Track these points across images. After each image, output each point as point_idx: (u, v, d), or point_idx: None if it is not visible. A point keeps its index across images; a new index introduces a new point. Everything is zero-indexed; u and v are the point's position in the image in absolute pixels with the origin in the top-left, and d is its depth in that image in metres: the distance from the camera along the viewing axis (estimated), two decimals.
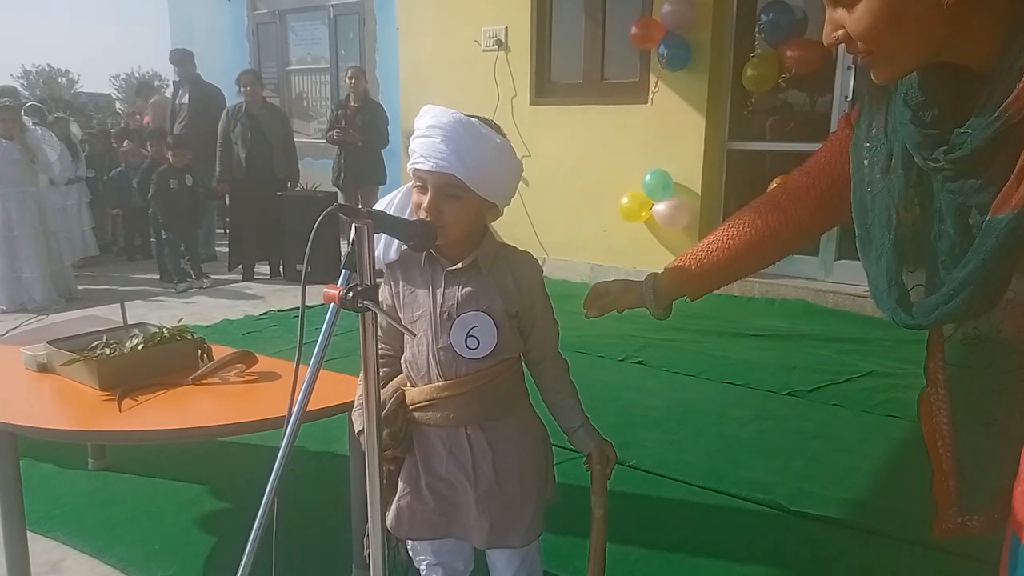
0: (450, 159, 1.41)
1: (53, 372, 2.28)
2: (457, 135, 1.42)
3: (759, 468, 3.01)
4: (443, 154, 1.41)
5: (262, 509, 1.34)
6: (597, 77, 6.29)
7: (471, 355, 1.50)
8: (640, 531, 2.56)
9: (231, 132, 6.70)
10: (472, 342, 1.50)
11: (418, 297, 1.54)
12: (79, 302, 6.10)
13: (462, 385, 1.51)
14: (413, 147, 1.47)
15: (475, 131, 1.44)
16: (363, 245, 1.32)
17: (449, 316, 1.50)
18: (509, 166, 1.51)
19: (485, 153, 1.45)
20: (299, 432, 1.34)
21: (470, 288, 1.51)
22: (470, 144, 1.43)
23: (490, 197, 1.49)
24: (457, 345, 1.50)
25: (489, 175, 1.46)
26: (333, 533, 2.46)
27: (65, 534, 2.49)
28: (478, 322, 1.50)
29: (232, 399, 2.16)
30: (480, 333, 1.50)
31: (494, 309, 1.51)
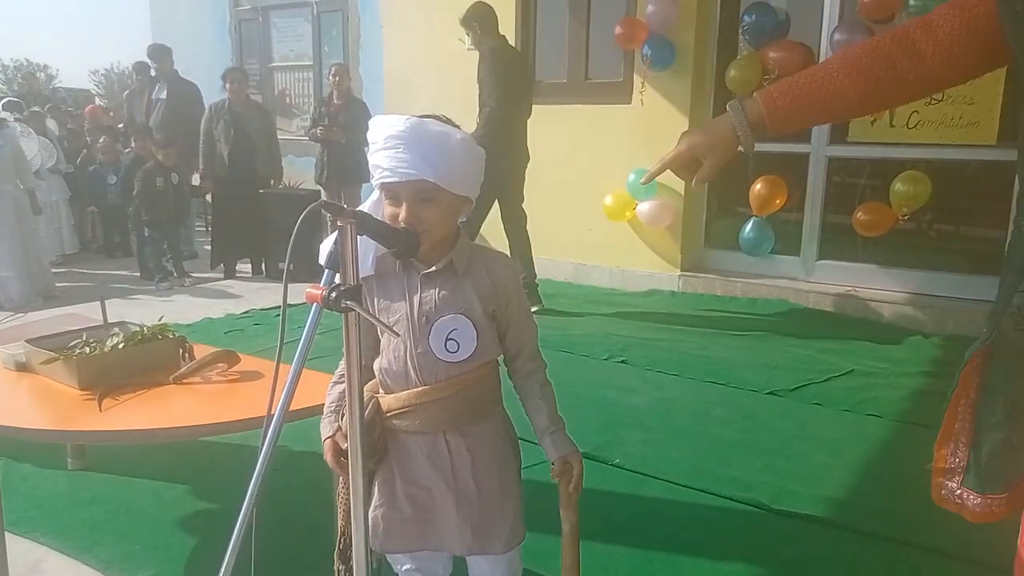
0: (418, 165, 1.40)
1: (32, 371, 2.26)
2: (418, 139, 1.40)
3: (741, 467, 3.03)
4: (409, 162, 1.39)
5: (243, 509, 1.33)
6: (581, 77, 6.30)
7: (451, 358, 1.49)
8: (623, 530, 2.57)
9: (214, 129, 6.64)
10: (452, 345, 1.49)
11: (393, 304, 1.52)
12: (58, 300, 6.03)
13: (441, 390, 1.49)
14: (375, 162, 1.44)
15: (434, 131, 1.43)
16: (346, 245, 1.31)
17: (427, 320, 1.49)
18: (473, 157, 1.49)
19: (449, 150, 1.43)
20: (282, 432, 1.33)
21: (447, 291, 1.50)
22: (432, 145, 1.41)
23: (462, 192, 1.48)
24: (437, 349, 1.48)
25: (457, 170, 1.45)
26: (316, 533, 2.45)
27: (44, 535, 2.46)
28: (457, 324, 1.49)
29: (214, 398, 2.15)
30: (459, 336, 1.49)
31: (472, 311, 1.50)
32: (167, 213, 6.40)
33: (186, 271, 6.63)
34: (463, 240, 1.54)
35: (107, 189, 7.86)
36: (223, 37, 9.87)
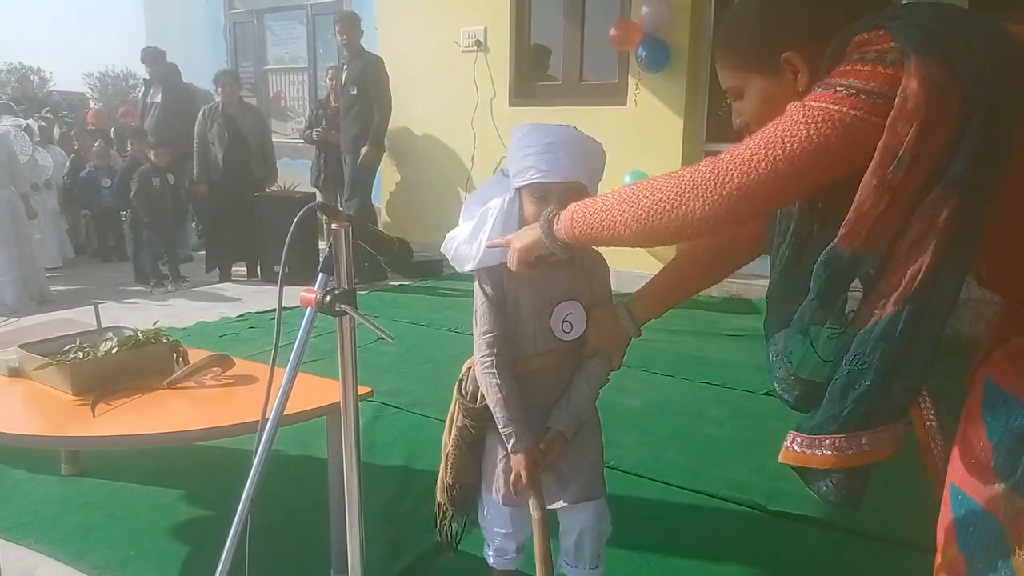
0: (575, 168, 1.63)
1: (25, 377, 2.25)
2: (575, 146, 1.66)
3: (737, 468, 3.03)
4: (568, 166, 1.62)
5: (239, 513, 1.32)
6: (576, 79, 6.30)
7: (566, 338, 1.73)
8: (619, 532, 2.54)
9: (208, 132, 6.63)
10: (567, 327, 1.73)
11: (521, 286, 1.72)
12: (52, 304, 6.01)
13: (551, 358, 1.73)
14: (529, 163, 1.63)
15: (587, 141, 1.69)
16: (340, 248, 1.32)
17: (550, 303, 1.72)
18: (603, 160, 1.75)
19: (595, 156, 1.70)
20: (277, 436, 1.33)
21: (567, 280, 1.73)
22: (585, 151, 1.68)
23: (594, 190, 1.69)
24: (555, 329, 1.73)
25: (597, 173, 1.71)
26: (311, 537, 2.45)
27: (38, 541, 2.44)
28: (572, 309, 1.73)
29: (208, 403, 2.14)
30: (574, 319, 1.73)
31: (584, 299, 1.75)
32: (165, 214, 6.39)
33: (181, 275, 6.62)
34: None
35: (101, 193, 7.84)
36: (218, 40, 9.86)
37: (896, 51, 1.00)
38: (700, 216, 1.14)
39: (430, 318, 5.28)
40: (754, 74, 1.24)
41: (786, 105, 1.12)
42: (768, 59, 1.20)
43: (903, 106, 0.97)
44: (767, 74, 1.22)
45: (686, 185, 1.15)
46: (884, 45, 1.02)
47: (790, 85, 1.19)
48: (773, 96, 1.21)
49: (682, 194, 1.16)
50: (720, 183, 1.11)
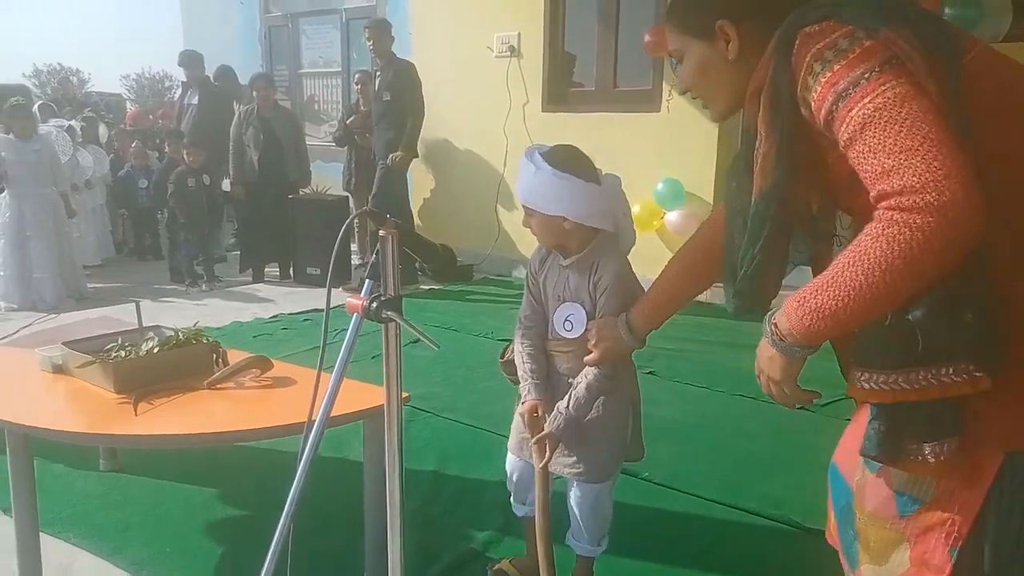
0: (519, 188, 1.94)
1: (68, 374, 2.28)
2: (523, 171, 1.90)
3: (773, 483, 2.98)
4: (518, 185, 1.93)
5: (284, 516, 1.32)
6: (609, 84, 6.28)
7: (567, 335, 1.94)
8: (653, 544, 2.54)
9: (243, 135, 6.71)
10: (568, 325, 1.93)
11: (548, 280, 2.00)
12: (90, 302, 6.10)
13: (563, 347, 1.96)
14: None
15: (529, 167, 1.89)
16: (387, 255, 1.31)
17: (559, 299, 1.96)
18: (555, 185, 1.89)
19: (534, 181, 1.90)
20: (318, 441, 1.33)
21: (574, 283, 1.94)
22: (527, 179, 1.90)
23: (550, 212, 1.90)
24: (557, 325, 1.96)
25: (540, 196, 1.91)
26: (345, 541, 2.45)
27: (76, 535, 2.48)
28: (573, 311, 1.93)
29: (248, 404, 2.15)
30: (574, 320, 1.92)
31: (587, 302, 1.92)
32: (200, 215, 6.47)
33: (216, 275, 6.69)
34: (594, 245, 1.94)
35: (138, 193, 7.96)
36: (253, 43, 9.97)
37: (847, 33, 1.08)
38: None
39: (461, 323, 5.28)
40: (692, 39, 1.33)
41: (719, 72, 1.30)
42: (704, 25, 1.29)
43: None
44: (703, 39, 1.31)
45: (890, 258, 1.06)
46: (836, 34, 1.09)
47: (722, 54, 1.29)
48: (707, 61, 1.31)
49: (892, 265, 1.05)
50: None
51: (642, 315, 1.79)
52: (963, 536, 1.12)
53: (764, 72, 1.18)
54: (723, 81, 1.31)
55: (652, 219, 5.88)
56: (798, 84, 1.12)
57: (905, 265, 1.01)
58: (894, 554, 1.20)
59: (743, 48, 1.26)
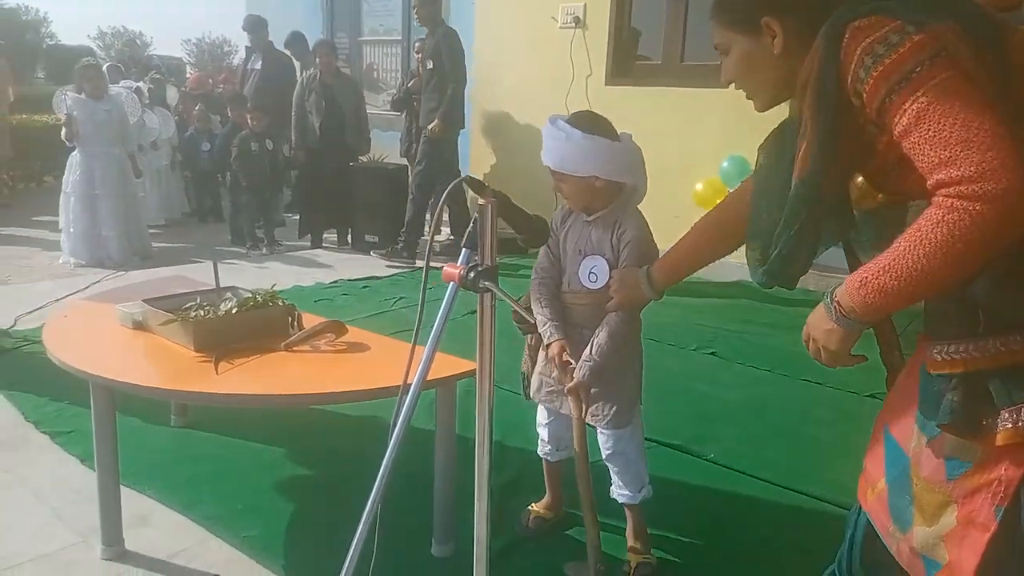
0: (545, 154, 2.06)
1: (147, 330, 2.32)
2: (548, 137, 2.04)
3: (841, 470, 2.89)
4: (544, 152, 2.06)
5: (377, 484, 1.31)
6: (677, 59, 6.14)
7: (591, 287, 2.08)
8: (719, 528, 2.51)
9: (305, 100, 6.74)
10: (592, 277, 2.07)
11: (569, 235, 2.16)
12: (154, 260, 6.25)
13: (582, 299, 2.11)
14: None
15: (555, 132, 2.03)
16: (486, 224, 1.29)
17: (581, 253, 2.10)
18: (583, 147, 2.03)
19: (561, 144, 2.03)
20: (414, 406, 1.32)
21: (596, 237, 2.09)
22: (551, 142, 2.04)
23: (580, 172, 2.04)
24: (582, 278, 2.09)
25: (570, 158, 2.04)
26: (414, 508, 2.46)
27: (152, 488, 2.53)
28: (596, 263, 2.07)
29: (324, 368, 2.16)
30: (598, 271, 2.06)
31: (609, 254, 2.07)
32: (263, 179, 6.54)
33: (277, 239, 6.78)
34: (617, 202, 2.10)
35: (200, 156, 8.09)
36: (315, 10, 9.98)
37: (897, 28, 1.14)
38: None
39: (516, 294, 5.25)
40: (738, 34, 1.38)
41: (764, 66, 1.35)
42: (750, 20, 1.35)
43: None
44: (748, 35, 1.36)
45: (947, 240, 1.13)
46: (886, 29, 1.15)
47: (767, 49, 1.34)
48: (752, 56, 1.37)
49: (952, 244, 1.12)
50: None
51: (663, 270, 1.89)
52: (1009, 496, 1.19)
53: (812, 65, 1.24)
54: (767, 74, 1.37)
55: (716, 197, 5.74)
56: (848, 76, 1.19)
57: (965, 248, 1.09)
58: (943, 516, 1.27)
59: (787, 43, 1.32)
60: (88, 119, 5.95)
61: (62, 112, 5.95)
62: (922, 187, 1.16)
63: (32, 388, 3.32)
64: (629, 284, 1.94)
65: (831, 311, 1.29)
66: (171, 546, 2.26)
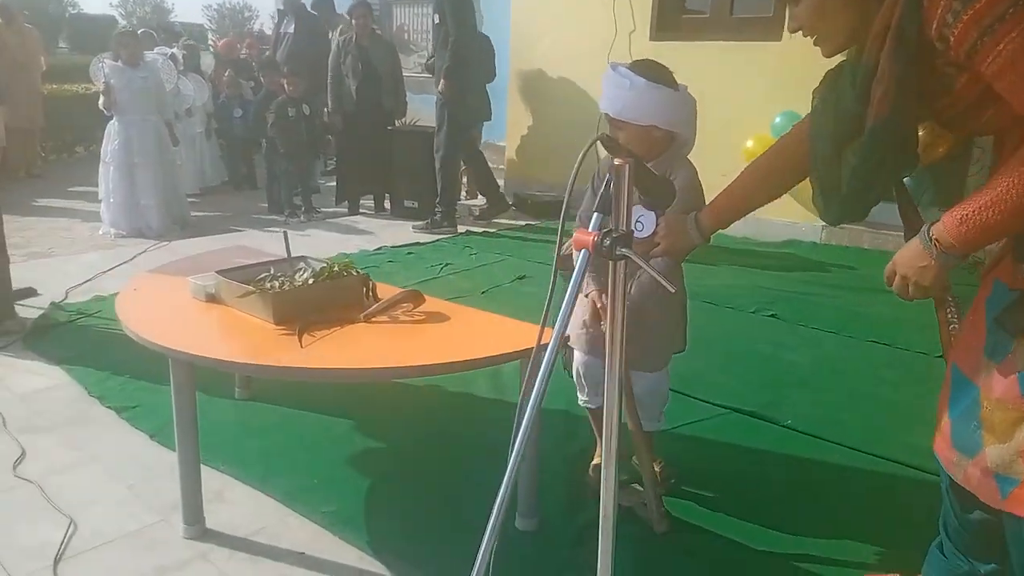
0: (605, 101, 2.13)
1: (221, 303, 2.26)
2: (610, 84, 2.10)
3: (922, 434, 2.79)
4: (604, 99, 2.12)
5: (509, 468, 1.24)
6: (726, 12, 5.92)
7: (637, 235, 2.00)
8: (807, 497, 2.43)
9: (341, 64, 6.61)
10: (639, 226, 2.03)
11: None
12: (193, 229, 6.21)
13: None
14: None
15: (617, 79, 2.09)
16: (622, 186, 1.19)
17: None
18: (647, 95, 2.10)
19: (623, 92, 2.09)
20: (545, 386, 1.24)
21: None
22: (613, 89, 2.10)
23: (643, 121, 2.11)
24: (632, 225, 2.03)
25: (632, 106, 2.09)
26: (495, 481, 2.40)
27: (224, 463, 2.49)
28: (645, 212, 2.00)
29: (406, 339, 2.09)
30: (645, 221, 2.03)
31: None
32: (301, 145, 6.45)
33: (314, 206, 6.71)
34: (670, 152, 2.18)
35: (232, 122, 8.00)
36: None
37: None
38: None
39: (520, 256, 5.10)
40: None
41: (836, 13, 1.38)
42: None
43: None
44: None
45: None
46: None
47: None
48: (826, 4, 1.39)
49: None
50: None
51: (711, 215, 1.91)
52: None
53: (891, 11, 1.28)
54: (840, 22, 1.40)
55: None
56: (933, 21, 1.23)
57: None
58: (1018, 432, 1.32)
59: None
60: (125, 87, 5.87)
61: (100, 80, 5.87)
62: (997, 124, 1.32)
63: (92, 362, 3.30)
64: (676, 230, 1.96)
65: (930, 248, 1.35)
66: (251, 523, 2.22)
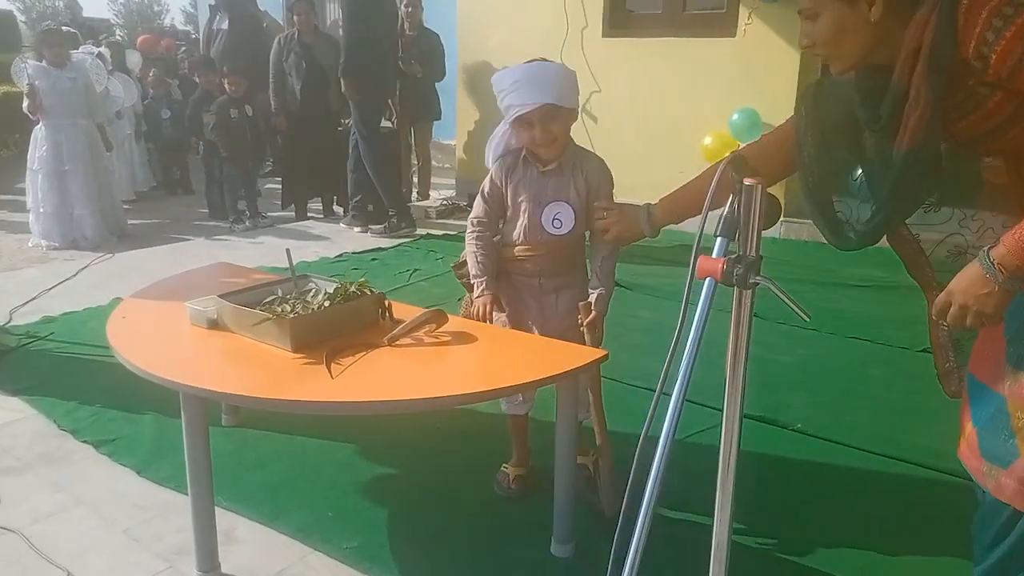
0: (544, 94, 2.01)
1: (226, 330, 2.07)
2: (539, 76, 2.03)
3: (925, 433, 2.85)
4: (537, 93, 2.00)
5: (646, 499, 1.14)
6: (679, 8, 5.93)
7: (556, 232, 2.14)
8: (821, 499, 2.43)
9: (284, 62, 6.34)
10: (557, 223, 2.13)
11: (520, 188, 2.16)
12: (131, 239, 5.87)
13: (540, 248, 2.17)
14: (509, 103, 2.05)
15: (549, 68, 2.07)
16: (752, 208, 1.11)
17: (540, 204, 2.13)
18: (572, 77, 2.11)
19: (560, 78, 2.06)
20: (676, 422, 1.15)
21: (557, 184, 2.14)
22: (551, 78, 2.04)
23: (571, 105, 2.09)
24: (546, 225, 2.14)
25: (567, 93, 2.06)
26: (535, 503, 2.30)
27: (227, 499, 2.30)
28: (560, 209, 2.13)
29: (437, 365, 1.96)
30: (563, 217, 2.12)
31: (572, 200, 2.14)
32: (244, 148, 6.16)
33: (260, 211, 6.43)
34: (572, 147, 2.17)
35: (161, 124, 7.61)
36: None
37: None
38: None
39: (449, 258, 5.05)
40: (833, 0, 1.36)
41: (856, 33, 1.35)
42: None
43: None
44: (844, 1, 1.35)
45: None
46: None
47: (863, 15, 1.34)
48: (844, 23, 1.36)
49: None
50: None
51: (666, 208, 1.94)
52: None
53: (920, 33, 1.27)
54: (857, 42, 1.37)
55: (726, 151, 5.59)
56: (971, 41, 1.22)
57: None
58: None
59: (886, 11, 1.32)
60: (51, 89, 5.49)
61: (23, 82, 5.46)
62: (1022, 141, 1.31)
63: (54, 391, 3.03)
64: (628, 219, 2.01)
65: (994, 274, 1.29)
66: (270, 565, 2.05)
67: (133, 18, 26.50)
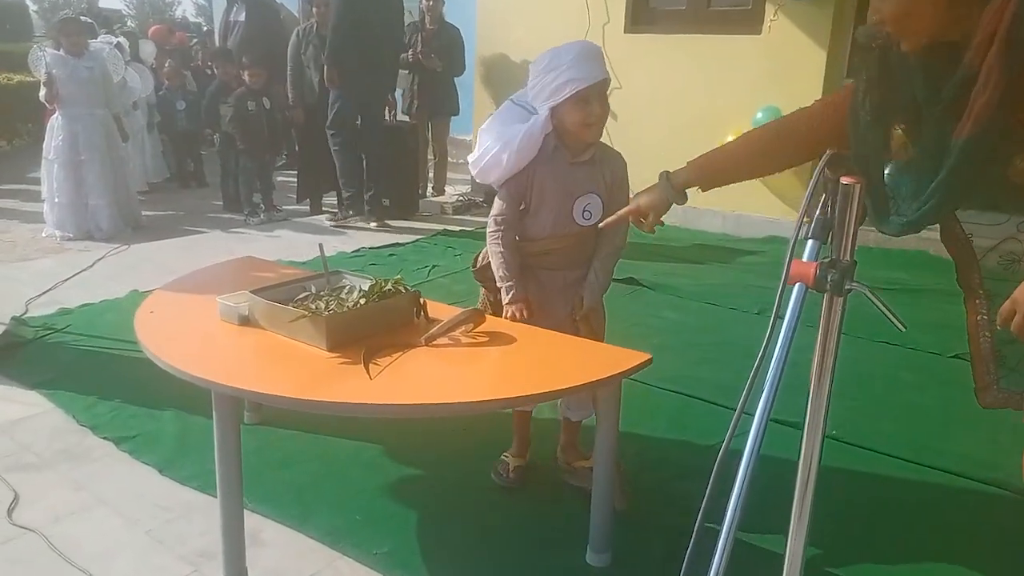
0: (601, 68, 2.05)
1: (257, 326, 2.01)
2: (592, 51, 2.05)
3: (964, 442, 2.78)
4: (597, 68, 2.04)
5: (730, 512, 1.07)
6: (703, 4, 5.85)
7: (585, 224, 2.16)
8: (860, 508, 2.35)
9: (302, 54, 6.27)
10: (587, 214, 2.16)
11: (547, 181, 2.14)
12: (146, 231, 5.81)
13: (567, 239, 2.18)
14: (564, 79, 2.01)
15: (592, 45, 2.10)
16: (849, 210, 1.04)
17: (571, 195, 2.15)
18: None
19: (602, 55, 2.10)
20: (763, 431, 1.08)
21: (587, 176, 2.16)
22: (599, 53, 2.07)
23: None
24: (576, 216, 2.16)
25: None
26: (569, 510, 2.24)
27: (252, 500, 2.23)
28: (591, 200, 2.16)
29: (478, 366, 1.89)
30: (592, 208, 2.16)
31: (601, 191, 2.17)
32: (262, 140, 6.09)
33: (275, 204, 6.37)
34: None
35: (176, 116, 7.55)
36: None
37: None
38: None
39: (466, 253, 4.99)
40: None
41: (925, 14, 1.30)
42: None
43: None
44: None
45: None
46: None
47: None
48: (916, 3, 1.31)
49: None
50: None
51: (695, 170, 1.79)
52: None
53: (998, 18, 1.22)
54: (928, 21, 1.33)
55: None
56: None
57: None
58: None
59: None
60: (69, 78, 5.43)
61: (41, 71, 5.40)
62: None
63: (72, 385, 2.97)
64: (653, 191, 1.89)
65: None
66: (298, 570, 1.99)
67: (145, 9, 26.45)
